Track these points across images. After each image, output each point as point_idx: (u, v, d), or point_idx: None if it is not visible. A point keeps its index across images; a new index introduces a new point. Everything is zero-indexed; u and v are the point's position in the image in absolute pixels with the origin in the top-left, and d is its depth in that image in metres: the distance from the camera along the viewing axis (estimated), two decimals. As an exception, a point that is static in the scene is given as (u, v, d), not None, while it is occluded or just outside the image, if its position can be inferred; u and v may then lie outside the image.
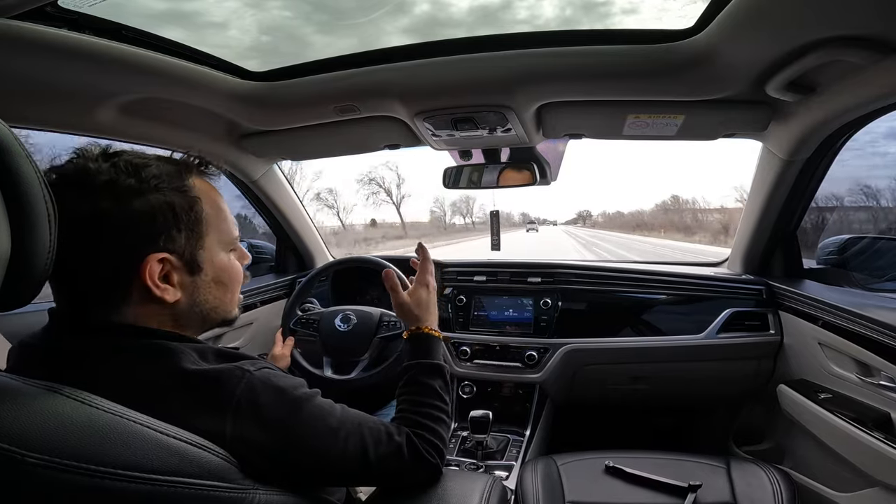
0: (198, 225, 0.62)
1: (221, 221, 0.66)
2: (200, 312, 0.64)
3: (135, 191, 0.56)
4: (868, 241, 1.42)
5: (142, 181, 0.57)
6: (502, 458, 1.45)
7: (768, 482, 1.06)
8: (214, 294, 0.65)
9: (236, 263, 0.69)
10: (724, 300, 1.54)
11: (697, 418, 1.91)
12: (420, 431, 0.74)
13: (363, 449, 0.65)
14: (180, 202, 0.60)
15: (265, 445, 0.56)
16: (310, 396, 0.63)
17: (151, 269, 0.57)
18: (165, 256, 0.58)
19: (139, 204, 0.56)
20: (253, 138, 1.44)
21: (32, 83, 0.93)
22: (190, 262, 0.61)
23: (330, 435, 0.62)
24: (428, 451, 0.73)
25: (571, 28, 1.06)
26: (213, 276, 0.65)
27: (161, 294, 0.58)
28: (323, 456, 0.62)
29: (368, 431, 0.67)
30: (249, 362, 0.59)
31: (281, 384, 0.60)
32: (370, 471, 0.67)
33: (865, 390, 1.11)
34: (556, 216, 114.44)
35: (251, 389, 0.56)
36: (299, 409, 0.60)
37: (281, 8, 1.13)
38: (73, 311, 0.59)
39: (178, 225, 0.59)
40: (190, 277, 0.62)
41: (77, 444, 0.43)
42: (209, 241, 0.63)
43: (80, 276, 0.56)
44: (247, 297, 1.69)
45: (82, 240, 0.54)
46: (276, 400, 0.58)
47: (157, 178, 0.58)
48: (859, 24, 0.77)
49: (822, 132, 1.15)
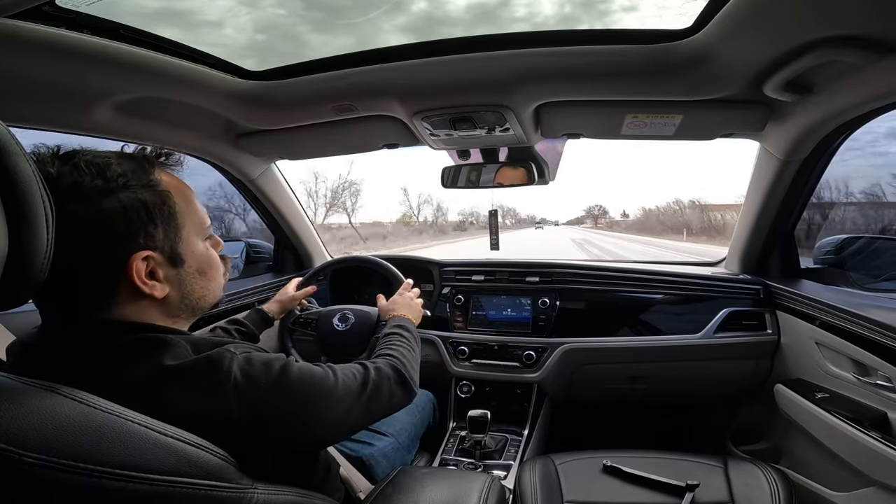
0: (173, 219, 0.62)
1: (194, 212, 0.67)
2: (189, 303, 0.66)
3: (102, 191, 0.56)
4: (865, 241, 1.42)
5: (108, 180, 0.56)
6: (500, 457, 1.45)
7: (766, 481, 1.07)
8: (200, 283, 0.67)
9: (213, 251, 0.71)
10: (722, 300, 1.55)
11: (695, 418, 1.91)
12: (395, 362, 0.84)
13: (357, 383, 0.73)
14: (152, 198, 0.60)
15: (271, 413, 0.59)
16: (291, 361, 0.66)
17: (137, 268, 0.58)
18: (149, 254, 0.59)
19: (109, 204, 0.56)
20: (251, 137, 1.44)
21: (29, 82, 0.93)
22: (172, 256, 0.62)
23: (324, 380, 0.68)
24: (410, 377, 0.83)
25: (570, 27, 1.07)
26: (196, 266, 0.66)
27: (150, 291, 0.59)
28: (326, 398, 0.66)
29: (355, 368, 0.75)
30: (232, 345, 0.62)
31: (264, 358, 0.63)
32: (370, 405, 0.73)
33: (862, 390, 1.11)
34: (559, 216, 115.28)
35: (241, 367, 0.59)
36: (287, 372, 0.63)
37: (275, 6, 1.13)
38: (64, 311, 0.59)
39: (153, 221, 0.60)
40: (174, 270, 0.63)
41: (75, 443, 0.43)
42: (186, 233, 0.64)
43: (66, 278, 0.55)
44: (245, 296, 1.69)
45: (58, 244, 0.52)
46: (266, 371, 0.61)
47: (124, 176, 0.58)
48: (857, 24, 0.77)
49: (820, 132, 1.15)
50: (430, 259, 1.85)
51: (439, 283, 1.80)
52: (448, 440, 1.54)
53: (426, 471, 1.20)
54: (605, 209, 69.65)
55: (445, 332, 1.72)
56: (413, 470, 0.94)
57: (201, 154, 1.48)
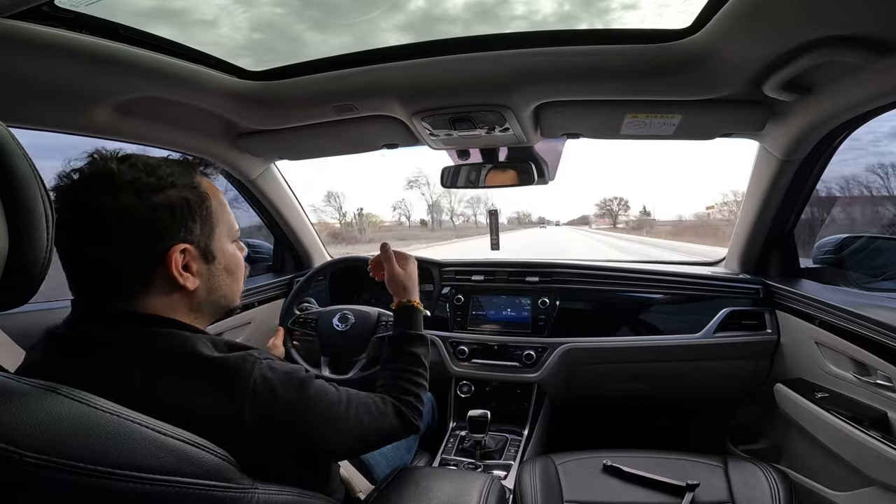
0: (209, 218, 0.68)
1: (226, 216, 0.73)
2: (214, 300, 0.71)
3: (154, 187, 0.62)
4: (865, 241, 1.42)
5: (159, 178, 0.63)
6: (500, 457, 1.45)
7: (765, 481, 1.07)
8: (226, 281, 0.72)
9: (239, 253, 0.76)
10: (722, 299, 1.55)
11: (695, 417, 1.91)
12: (405, 397, 0.86)
13: (361, 416, 0.75)
14: (194, 198, 0.66)
15: (282, 423, 0.62)
16: (311, 377, 0.70)
17: (176, 259, 0.63)
18: (186, 247, 0.64)
19: (159, 199, 0.62)
20: (250, 138, 1.44)
21: (29, 82, 0.93)
22: (205, 252, 0.68)
23: (335, 405, 0.71)
24: (412, 415, 0.85)
25: (570, 25, 1.06)
26: (225, 264, 0.71)
27: (183, 282, 0.64)
28: (333, 424, 0.70)
29: (363, 402, 0.77)
30: (256, 351, 0.65)
31: (286, 368, 0.66)
32: (368, 436, 0.76)
33: (862, 389, 1.12)
34: (559, 216, 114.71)
35: (263, 374, 0.62)
36: (306, 387, 0.67)
37: (272, 5, 1.13)
38: (96, 302, 0.63)
39: (193, 217, 0.65)
40: (206, 266, 0.68)
41: (76, 443, 0.43)
42: (219, 233, 0.70)
43: (104, 269, 0.61)
44: (244, 296, 1.69)
45: (109, 234, 0.59)
46: (286, 381, 0.64)
47: (172, 176, 0.64)
48: (856, 24, 0.77)
49: (819, 132, 1.15)
50: (429, 259, 1.85)
51: (439, 283, 1.80)
52: (448, 440, 1.54)
53: (426, 471, 1.20)
54: (627, 202, 56.67)
55: (445, 332, 1.72)
56: (413, 470, 0.94)
57: (201, 154, 1.48)
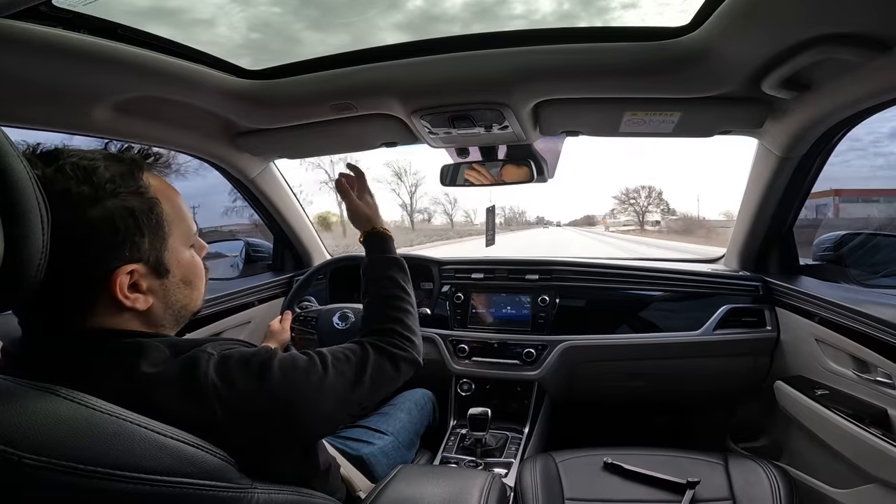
0: (160, 227, 0.60)
1: (181, 219, 0.64)
2: (173, 313, 0.64)
3: (90, 198, 0.53)
4: (864, 237, 1.42)
5: (96, 187, 0.53)
6: (501, 455, 1.45)
7: (766, 478, 1.07)
8: (184, 293, 0.65)
9: (198, 258, 0.69)
10: (721, 297, 1.55)
11: (695, 415, 1.91)
12: (389, 326, 0.81)
13: (343, 371, 0.69)
14: (139, 206, 0.57)
15: (253, 412, 0.58)
16: (272, 355, 0.63)
17: (121, 283, 0.56)
18: (133, 268, 0.57)
19: (97, 213, 0.53)
20: (249, 136, 1.44)
21: (27, 82, 0.93)
22: (156, 267, 0.60)
23: (309, 372, 0.64)
24: (402, 346, 0.79)
25: (569, 24, 1.06)
26: (181, 276, 0.64)
27: (132, 304, 0.58)
28: (315, 391, 0.64)
29: (339, 357, 0.70)
30: (211, 345, 0.60)
31: (243, 355, 0.61)
32: (359, 391, 0.70)
33: (862, 386, 1.12)
34: (560, 217, 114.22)
35: (217, 368, 0.57)
36: (268, 366, 0.61)
37: (269, 4, 1.12)
38: (46, 319, 0.57)
39: (140, 230, 0.57)
40: (158, 281, 0.61)
41: (75, 445, 0.43)
42: (172, 242, 0.62)
43: (49, 287, 0.51)
44: (244, 295, 1.69)
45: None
46: (243, 369, 0.59)
47: (112, 182, 0.55)
48: (855, 22, 0.77)
49: (818, 129, 1.15)
50: (429, 257, 1.85)
51: (439, 281, 1.80)
52: (449, 438, 1.54)
53: (427, 469, 1.20)
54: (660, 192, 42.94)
55: (445, 331, 1.72)
56: (414, 468, 0.95)
57: (200, 153, 1.48)
